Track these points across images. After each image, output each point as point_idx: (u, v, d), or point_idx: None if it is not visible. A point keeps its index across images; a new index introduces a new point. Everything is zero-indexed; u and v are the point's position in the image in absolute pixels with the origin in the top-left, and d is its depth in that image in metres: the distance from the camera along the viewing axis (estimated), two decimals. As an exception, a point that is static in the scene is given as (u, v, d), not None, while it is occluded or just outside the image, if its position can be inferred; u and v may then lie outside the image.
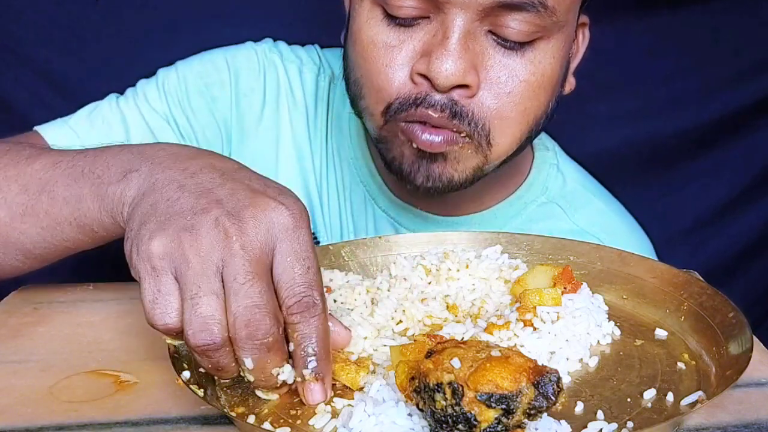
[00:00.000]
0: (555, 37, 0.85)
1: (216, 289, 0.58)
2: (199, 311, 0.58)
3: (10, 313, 0.82)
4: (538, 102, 0.87)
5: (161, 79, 1.06)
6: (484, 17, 0.81)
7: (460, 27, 0.81)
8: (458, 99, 0.83)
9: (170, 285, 0.59)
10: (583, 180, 1.09)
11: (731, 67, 1.58)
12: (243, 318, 0.58)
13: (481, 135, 0.85)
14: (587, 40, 0.98)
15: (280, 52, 1.10)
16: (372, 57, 0.86)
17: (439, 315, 0.76)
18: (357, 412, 0.58)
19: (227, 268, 0.58)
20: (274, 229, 0.60)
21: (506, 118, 0.86)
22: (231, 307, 0.58)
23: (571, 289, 0.74)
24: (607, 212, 1.06)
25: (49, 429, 0.62)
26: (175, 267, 0.59)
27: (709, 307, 0.72)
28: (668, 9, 1.53)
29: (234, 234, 0.59)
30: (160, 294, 0.59)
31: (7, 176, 0.79)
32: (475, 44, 0.83)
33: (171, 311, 0.59)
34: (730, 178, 1.65)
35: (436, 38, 0.82)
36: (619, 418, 0.60)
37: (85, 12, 1.45)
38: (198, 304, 0.58)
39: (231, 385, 0.66)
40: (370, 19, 0.86)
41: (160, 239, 0.59)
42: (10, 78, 1.47)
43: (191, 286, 0.58)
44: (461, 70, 0.81)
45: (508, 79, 0.84)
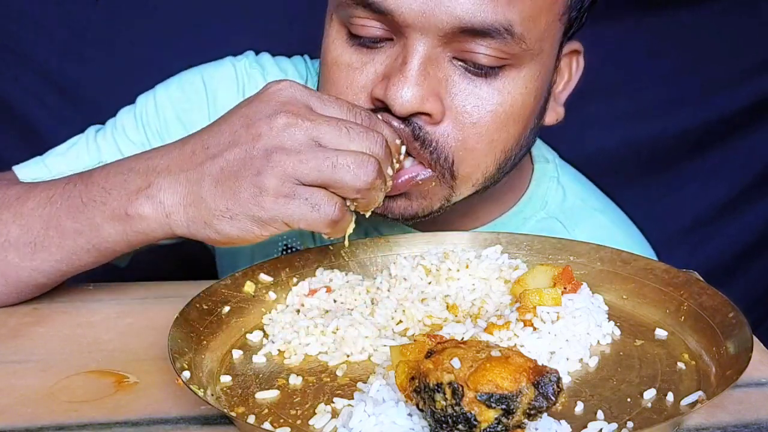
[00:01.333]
0: (527, 66, 0.81)
1: (337, 152, 0.68)
2: (349, 166, 0.68)
3: (10, 313, 0.82)
4: (507, 134, 0.83)
5: (139, 109, 1.05)
6: (447, 43, 0.78)
7: (421, 52, 0.78)
8: (422, 125, 0.80)
9: (309, 189, 0.68)
10: (584, 193, 1.06)
11: (731, 67, 1.58)
12: (372, 144, 0.70)
13: (445, 168, 0.82)
14: (581, 69, 0.93)
15: (261, 66, 1.07)
16: (334, 78, 0.84)
17: (439, 315, 0.76)
18: (357, 412, 0.58)
19: (322, 138, 0.69)
20: (296, 95, 0.71)
21: (472, 150, 0.82)
22: (360, 149, 0.69)
23: (571, 289, 0.74)
24: (608, 226, 1.03)
25: (49, 429, 0.62)
26: (296, 178, 0.68)
27: (709, 307, 0.72)
28: (668, 9, 1.53)
29: (290, 117, 0.69)
30: (309, 201, 0.68)
31: (3, 219, 0.81)
32: (437, 71, 0.79)
33: (329, 199, 0.69)
34: (730, 178, 1.66)
35: (397, 63, 0.79)
36: (619, 418, 0.60)
37: (85, 12, 1.45)
38: (342, 164, 0.68)
39: (231, 386, 0.66)
40: (336, 39, 0.84)
41: (264, 180, 0.68)
42: (10, 78, 1.47)
43: (322, 167, 0.68)
44: (418, 97, 0.78)
45: (473, 109, 0.80)
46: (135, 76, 1.19)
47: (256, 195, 0.68)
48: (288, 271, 0.82)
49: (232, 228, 0.70)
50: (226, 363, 0.70)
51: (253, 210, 0.69)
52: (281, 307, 0.78)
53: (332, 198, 0.69)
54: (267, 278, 0.80)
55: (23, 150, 1.06)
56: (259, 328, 0.75)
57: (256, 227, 0.70)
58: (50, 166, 1.00)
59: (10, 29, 1.45)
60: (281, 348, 0.71)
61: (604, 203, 1.08)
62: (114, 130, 1.04)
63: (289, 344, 0.71)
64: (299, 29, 1.42)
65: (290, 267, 0.82)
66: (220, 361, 0.70)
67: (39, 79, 1.47)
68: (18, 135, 1.49)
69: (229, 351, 0.72)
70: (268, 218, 0.69)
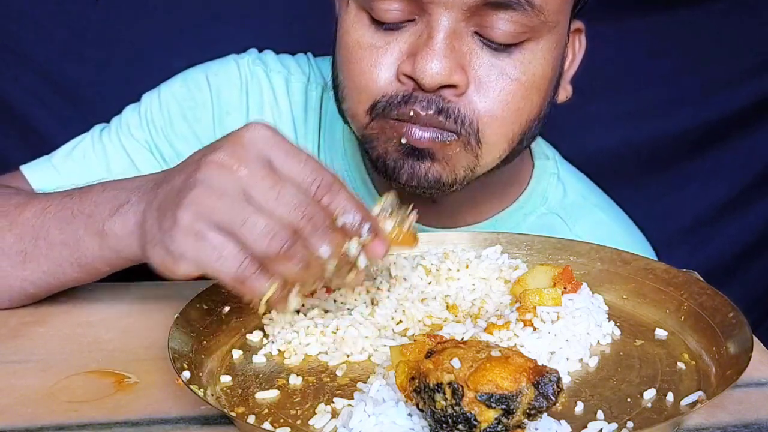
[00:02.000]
0: (545, 38, 0.84)
1: (256, 210, 0.62)
2: (257, 228, 0.62)
3: (10, 313, 0.82)
4: (531, 103, 0.85)
5: (144, 107, 1.05)
6: (470, 17, 0.80)
7: (446, 27, 0.80)
8: (446, 98, 0.82)
9: (219, 236, 0.62)
10: (585, 190, 1.07)
11: (731, 67, 1.58)
12: (297, 216, 0.63)
13: (470, 133, 0.83)
14: (583, 47, 0.96)
15: (264, 63, 1.07)
16: (357, 58, 0.85)
17: (439, 315, 0.76)
18: (357, 412, 0.58)
19: (252, 192, 0.63)
20: (258, 142, 0.65)
21: (497, 117, 0.84)
22: (284, 216, 0.62)
23: (571, 289, 0.74)
24: (608, 223, 1.04)
25: (49, 429, 0.62)
26: (210, 220, 0.63)
27: (709, 307, 0.72)
28: (668, 9, 1.53)
29: (233, 163, 0.63)
30: (218, 247, 0.62)
31: (1, 227, 0.81)
32: (461, 44, 0.82)
33: (237, 253, 0.62)
34: (730, 178, 1.65)
35: (422, 39, 0.81)
36: (619, 418, 0.60)
37: (85, 12, 1.45)
38: (251, 224, 0.62)
39: (231, 386, 0.66)
40: (356, 23, 0.85)
41: (181, 213, 0.63)
42: (10, 78, 1.47)
43: (234, 219, 0.62)
44: (446, 69, 0.80)
45: (497, 79, 0.83)
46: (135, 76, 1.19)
47: (171, 227, 0.64)
48: (288, 271, 0.81)
49: (155, 256, 0.67)
50: (226, 363, 0.70)
51: (166, 241, 0.65)
52: (281, 307, 0.78)
53: (239, 255, 0.62)
54: (267, 278, 0.80)
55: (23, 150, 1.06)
56: (259, 328, 0.75)
57: (170, 260, 0.65)
58: (58, 167, 1.00)
59: (10, 29, 1.45)
60: (281, 348, 0.71)
61: (604, 200, 1.09)
62: (119, 128, 1.04)
63: (289, 344, 0.71)
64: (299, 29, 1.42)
65: (290, 267, 0.82)
66: (220, 361, 0.70)
67: (39, 79, 1.47)
68: (18, 135, 1.49)
69: (229, 351, 0.72)
70: (177, 254, 0.64)
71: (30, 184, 0.99)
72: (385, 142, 0.86)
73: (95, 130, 1.05)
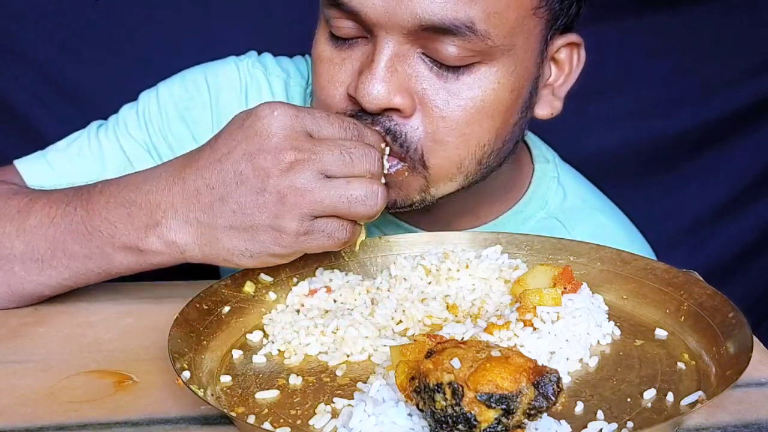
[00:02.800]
0: (500, 61, 0.82)
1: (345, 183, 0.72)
2: (358, 196, 0.72)
3: (10, 313, 0.82)
4: (479, 128, 0.83)
5: (142, 106, 1.05)
6: (415, 40, 0.79)
7: (389, 49, 0.80)
8: (393, 120, 0.81)
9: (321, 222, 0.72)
10: (584, 193, 1.06)
11: (731, 67, 1.58)
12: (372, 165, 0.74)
13: (414, 158, 0.83)
14: (582, 61, 0.92)
15: (264, 66, 1.07)
16: (318, 72, 0.86)
17: (439, 315, 0.76)
18: (357, 412, 0.58)
19: (326, 168, 0.71)
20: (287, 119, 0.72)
21: (441, 142, 0.82)
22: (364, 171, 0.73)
23: (571, 289, 0.74)
24: (608, 226, 1.03)
25: (49, 429, 0.62)
26: (313, 216, 0.71)
27: (709, 307, 0.72)
28: (668, 9, 1.53)
29: (295, 156, 0.71)
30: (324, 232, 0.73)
31: (6, 232, 0.81)
32: (406, 66, 0.80)
33: (339, 225, 0.73)
34: (730, 178, 1.65)
35: (368, 60, 0.81)
36: (619, 418, 0.60)
37: (85, 12, 1.45)
38: (352, 200, 0.72)
39: (231, 386, 0.66)
40: (321, 36, 0.86)
41: (285, 222, 0.71)
42: (10, 78, 1.47)
43: (334, 203, 0.71)
44: (385, 93, 0.79)
45: (443, 103, 0.81)
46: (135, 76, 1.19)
47: (276, 237, 0.72)
48: (288, 271, 0.82)
49: (254, 262, 0.75)
50: (226, 363, 0.70)
51: (273, 249, 0.73)
52: (281, 307, 0.78)
53: (344, 224, 0.74)
54: (267, 278, 0.80)
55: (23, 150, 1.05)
56: (259, 328, 0.75)
57: (277, 260, 0.75)
58: (52, 163, 1.00)
59: (10, 29, 1.45)
60: (281, 348, 0.71)
61: (604, 203, 1.08)
62: (116, 126, 1.04)
63: (289, 344, 0.71)
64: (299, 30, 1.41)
65: (290, 267, 0.82)
66: (220, 361, 0.70)
67: (39, 79, 1.47)
68: (18, 135, 1.49)
69: (229, 351, 0.72)
70: (288, 253, 0.74)
71: (23, 179, 0.98)
72: None
73: (92, 127, 1.05)
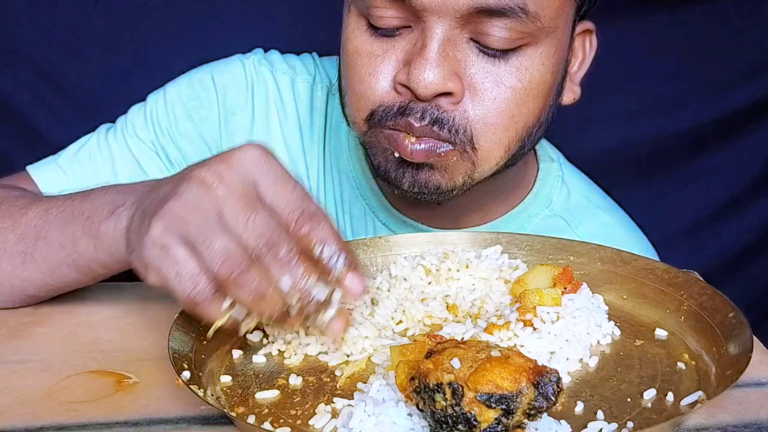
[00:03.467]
0: (543, 43, 0.83)
1: (221, 230, 0.61)
2: (215, 247, 0.60)
3: (10, 313, 0.82)
4: (527, 109, 0.85)
5: (149, 107, 1.04)
6: (465, 24, 0.80)
7: (439, 35, 0.80)
8: (442, 107, 0.82)
9: (183, 251, 0.61)
10: (588, 192, 1.07)
11: (731, 67, 1.58)
12: (261, 242, 0.60)
13: (464, 141, 0.83)
14: (594, 48, 0.95)
15: (270, 63, 1.07)
16: (356, 66, 0.85)
17: (439, 315, 0.76)
18: (357, 412, 0.58)
19: (224, 212, 0.61)
20: (247, 164, 0.63)
21: (491, 124, 0.83)
22: (247, 241, 0.60)
23: (571, 289, 0.74)
24: (612, 225, 1.04)
25: (49, 429, 0.62)
26: (179, 234, 0.61)
27: (709, 307, 0.72)
28: (668, 9, 1.53)
29: (214, 182, 0.62)
30: (178, 264, 0.61)
31: (4, 227, 0.82)
32: (456, 52, 0.81)
33: (195, 273, 0.60)
34: (730, 178, 1.65)
35: (416, 47, 0.81)
36: (619, 418, 0.60)
37: (85, 12, 1.45)
38: (211, 243, 0.60)
39: (231, 386, 0.66)
40: (356, 30, 0.85)
41: (155, 223, 0.62)
42: (10, 78, 1.47)
43: (198, 236, 0.61)
44: (440, 78, 0.79)
45: (492, 86, 0.82)
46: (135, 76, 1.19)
47: (144, 234, 0.63)
48: (288, 271, 0.81)
49: (133, 260, 0.66)
50: (226, 363, 0.70)
51: (139, 248, 0.64)
52: (281, 307, 0.78)
53: (197, 276, 0.61)
54: (267, 278, 0.80)
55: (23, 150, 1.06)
56: (259, 328, 0.75)
57: (141, 267, 0.65)
58: (64, 168, 1.00)
59: (10, 29, 1.45)
60: (281, 348, 0.71)
61: (608, 202, 1.09)
62: (124, 128, 1.04)
63: (289, 344, 0.71)
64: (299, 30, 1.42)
65: (290, 267, 0.82)
66: (220, 361, 0.70)
67: (39, 79, 1.47)
68: (18, 135, 1.49)
69: (229, 351, 0.72)
70: (145, 262, 0.63)
71: (37, 185, 0.99)
72: (382, 152, 0.87)
73: (101, 130, 1.05)
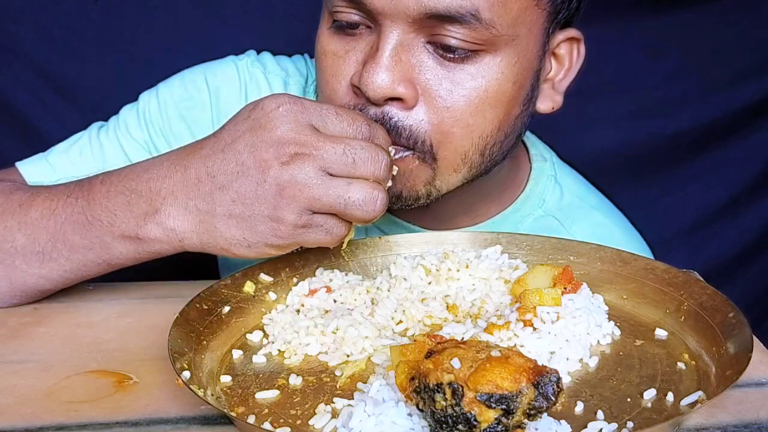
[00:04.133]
0: (503, 52, 0.81)
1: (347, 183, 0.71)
2: (356, 200, 0.71)
3: (10, 313, 0.82)
4: (483, 118, 0.83)
5: (142, 106, 1.05)
6: (419, 29, 0.79)
7: (393, 39, 0.79)
8: (395, 112, 0.81)
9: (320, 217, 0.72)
10: (581, 191, 1.06)
11: (731, 67, 1.58)
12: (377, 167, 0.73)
13: (424, 150, 0.83)
14: (582, 56, 0.92)
15: (263, 65, 1.08)
16: (323, 66, 0.86)
17: (439, 315, 0.76)
18: (357, 412, 0.58)
19: (328, 166, 0.71)
20: (297, 115, 0.72)
21: (447, 133, 0.82)
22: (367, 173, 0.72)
23: (571, 289, 0.73)
24: (606, 224, 1.04)
25: (49, 429, 0.62)
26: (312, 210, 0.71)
27: (709, 307, 0.72)
28: (668, 9, 1.53)
29: (297, 150, 0.70)
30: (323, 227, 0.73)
31: (8, 226, 0.82)
32: (410, 56, 0.80)
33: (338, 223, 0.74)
34: (730, 178, 1.66)
35: (372, 50, 0.81)
36: (619, 418, 0.60)
37: (85, 12, 1.45)
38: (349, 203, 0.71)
39: (231, 386, 0.66)
40: (324, 29, 0.86)
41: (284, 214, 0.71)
42: (10, 78, 1.47)
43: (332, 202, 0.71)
44: (389, 82, 0.79)
45: (446, 93, 0.81)
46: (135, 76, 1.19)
47: (274, 228, 0.72)
48: (288, 271, 0.82)
49: (250, 252, 0.74)
50: (226, 363, 0.70)
51: (271, 240, 0.72)
52: (281, 307, 0.78)
53: (343, 222, 0.74)
54: (267, 278, 0.80)
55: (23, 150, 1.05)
56: (259, 328, 0.75)
57: (273, 251, 0.74)
58: (54, 165, 1.00)
59: (10, 29, 1.45)
60: (281, 348, 0.71)
61: (601, 201, 1.08)
62: (117, 127, 1.04)
63: (289, 344, 0.71)
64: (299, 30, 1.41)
65: (290, 267, 0.82)
66: (220, 361, 0.70)
67: (39, 79, 1.47)
68: (18, 134, 1.49)
69: (229, 351, 0.72)
70: (285, 244, 0.73)
71: (25, 180, 0.98)
72: None
73: (93, 128, 1.05)
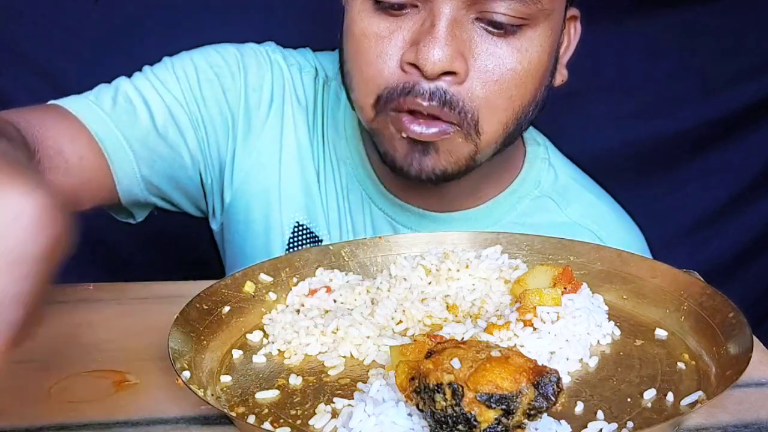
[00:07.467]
0: (542, 26, 0.87)
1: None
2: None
3: (10, 313, 0.82)
4: (525, 90, 0.88)
5: (171, 64, 1.05)
6: (471, 5, 0.83)
7: (447, 14, 0.83)
8: (447, 87, 0.85)
9: None
10: (574, 173, 1.11)
11: (731, 67, 1.58)
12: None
13: (470, 124, 0.87)
14: (578, 34, 0.99)
15: (282, 53, 1.11)
16: (363, 48, 0.88)
17: (439, 315, 0.76)
18: (357, 412, 0.58)
19: None
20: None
21: (493, 106, 0.87)
22: None
23: (571, 289, 0.73)
24: (598, 204, 1.08)
25: (49, 429, 0.62)
26: None
27: (709, 307, 0.72)
28: (668, 9, 1.53)
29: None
30: None
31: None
32: (462, 32, 0.84)
33: None
34: (730, 178, 1.66)
35: (424, 26, 0.84)
36: (619, 418, 0.60)
37: (85, 12, 1.45)
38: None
39: (231, 386, 0.66)
40: (362, 11, 0.88)
41: None
42: (10, 78, 1.47)
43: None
44: (448, 56, 0.82)
45: (495, 67, 0.86)
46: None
47: None
48: (288, 271, 0.82)
49: None
50: (226, 363, 0.70)
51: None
52: (281, 307, 0.78)
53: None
54: (267, 278, 0.80)
55: (23, 150, 1.05)
56: (259, 328, 0.75)
57: None
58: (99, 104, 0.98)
59: (10, 29, 1.45)
60: (281, 348, 0.71)
61: (591, 183, 1.13)
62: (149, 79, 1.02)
63: (289, 344, 0.71)
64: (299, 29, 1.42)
65: (290, 267, 0.82)
66: (220, 361, 0.70)
67: (39, 79, 1.47)
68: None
69: (229, 351, 0.72)
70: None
71: (82, 120, 0.96)
72: (390, 138, 0.90)
73: (122, 79, 1.03)
